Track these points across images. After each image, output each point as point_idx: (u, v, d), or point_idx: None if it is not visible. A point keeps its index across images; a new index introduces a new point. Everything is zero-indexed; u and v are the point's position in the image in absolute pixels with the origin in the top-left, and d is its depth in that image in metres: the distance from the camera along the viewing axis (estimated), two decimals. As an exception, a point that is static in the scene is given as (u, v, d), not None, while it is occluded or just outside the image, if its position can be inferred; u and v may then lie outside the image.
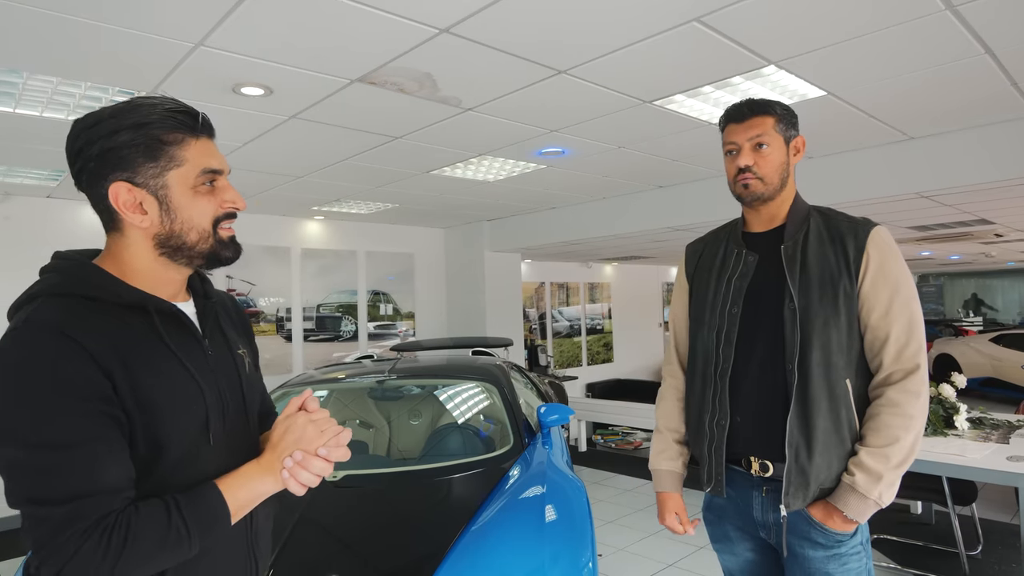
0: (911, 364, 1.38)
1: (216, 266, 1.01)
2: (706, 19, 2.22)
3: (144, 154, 0.93)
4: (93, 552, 0.80)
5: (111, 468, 0.84)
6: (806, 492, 1.39)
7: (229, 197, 0.99)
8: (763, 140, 1.46)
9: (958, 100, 3.20)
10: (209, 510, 0.90)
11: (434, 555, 1.95)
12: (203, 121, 0.98)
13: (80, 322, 0.87)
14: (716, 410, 1.49)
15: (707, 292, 1.57)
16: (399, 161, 4.12)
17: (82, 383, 0.83)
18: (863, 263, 1.41)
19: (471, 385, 3.34)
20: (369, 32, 2.24)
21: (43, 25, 2.12)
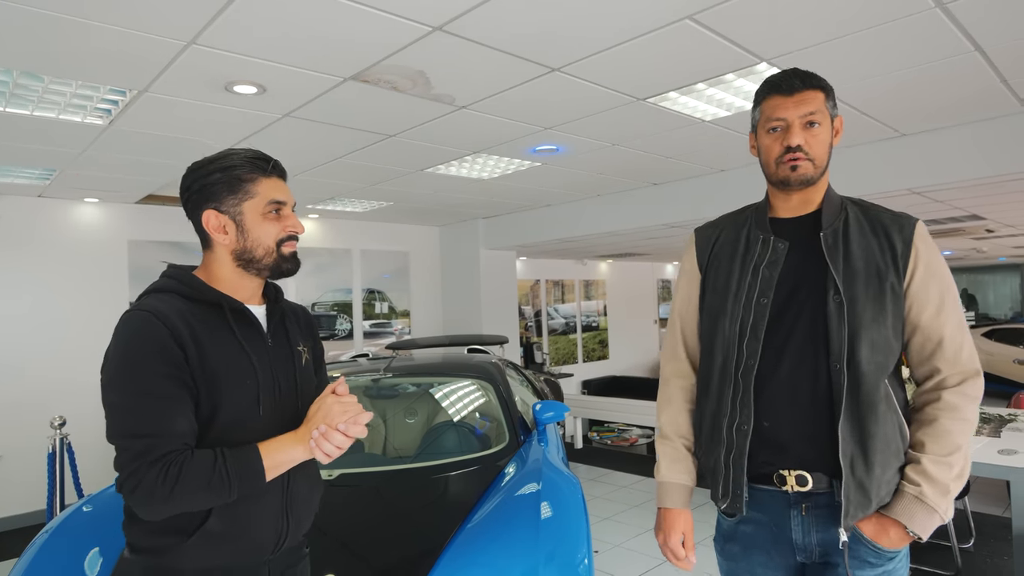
0: (970, 367, 1.27)
1: (279, 276, 1.29)
2: (698, 16, 2.23)
3: (227, 189, 1.23)
4: (155, 479, 1.06)
5: (177, 418, 1.11)
6: (866, 510, 1.24)
7: (291, 223, 1.28)
8: (816, 118, 1.30)
9: (949, 97, 3.22)
10: (248, 464, 1.12)
11: (430, 553, 1.95)
12: (274, 166, 1.29)
13: (170, 310, 1.16)
14: (737, 413, 1.32)
15: (729, 280, 1.39)
16: (393, 159, 4.11)
17: (163, 353, 1.12)
18: (911, 259, 1.28)
19: (467, 383, 3.35)
20: (362, 30, 2.24)
21: (33, 24, 2.10)
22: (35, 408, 4.60)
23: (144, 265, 5.27)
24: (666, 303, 11.19)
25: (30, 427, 4.54)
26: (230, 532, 1.16)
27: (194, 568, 1.16)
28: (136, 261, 5.26)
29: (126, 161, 3.90)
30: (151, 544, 1.17)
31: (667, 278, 11.25)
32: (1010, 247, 9.23)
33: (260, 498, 1.20)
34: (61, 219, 4.96)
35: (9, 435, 4.55)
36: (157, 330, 1.13)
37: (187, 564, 1.16)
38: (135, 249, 5.27)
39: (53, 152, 3.65)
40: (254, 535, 1.20)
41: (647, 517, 4.29)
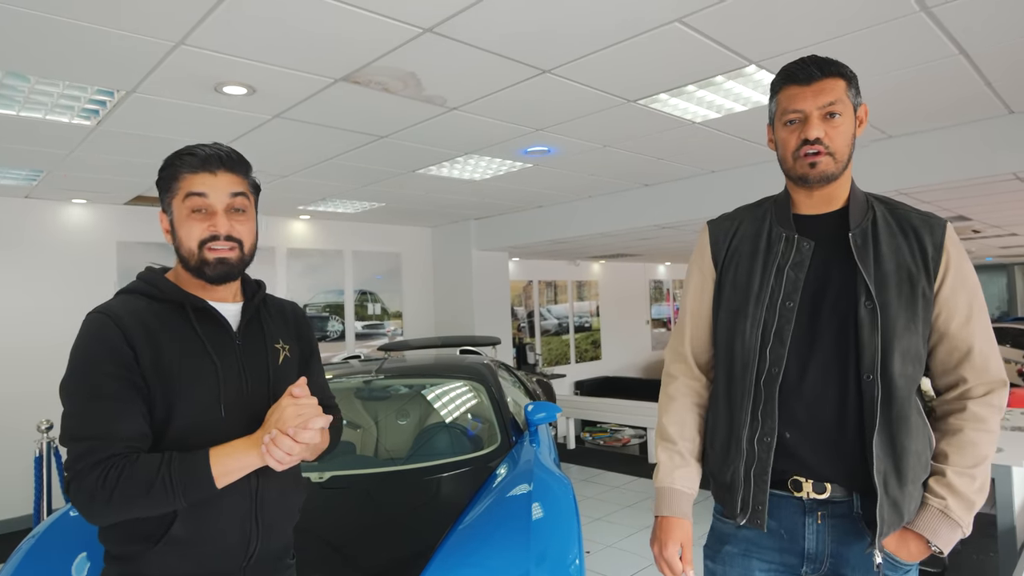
0: (997, 377, 1.22)
1: (211, 282, 1.20)
2: (687, 20, 2.24)
3: (163, 187, 1.21)
4: (95, 482, 1.03)
5: (123, 420, 1.08)
6: (897, 527, 1.19)
7: (213, 223, 1.17)
8: (836, 109, 1.21)
9: (934, 100, 3.25)
10: (194, 470, 1.07)
11: (421, 554, 1.95)
12: (205, 159, 1.18)
13: (127, 311, 1.15)
14: (759, 424, 1.23)
15: (750, 280, 1.30)
16: (385, 160, 4.11)
17: (112, 353, 1.10)
18: (942, 263, 1.21)
19: (458, 384, 3.35)
20: (352, 31, 2.24)
21: (20, 23, 2.09)
22: (21, 411, 4.56)
23: (133, 266, 5.24)
24: (658, 303, 11.23)
25: (16, 430, 4.50)
26: (196, 538, 1.12)
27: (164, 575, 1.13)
28: (125, 262, 5.23)
29: (114, 162, 3.88)
30: (121, 551, 1.14)
31: (659, 279, 11.29)
32: (997, 247, 9.33)
33: (225, 503, 1.14)
34: (49, 220, 4.92)
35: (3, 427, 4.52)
36: (108, 331, 1.11)
37: (155, 572, 1.12)
38: (124, 250, 5.24)
39: (40, 153, 3.62)
40: (220, 541, 1.16)
41: (639, 517, 4.30)
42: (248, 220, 1.23)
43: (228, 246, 1.18)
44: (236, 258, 1.20)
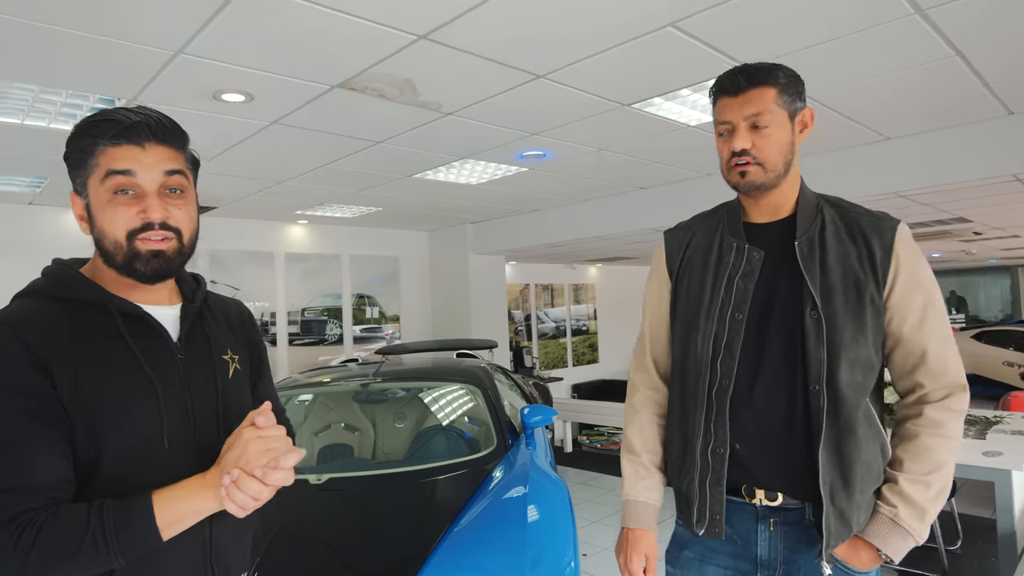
0: (956, 381, 1.19)
1: (143, 281, 0.97)
2: (680, 24, 2.27)
3: (76, 163, 0.97)
4: (5, 546, 0.81)
5: (35, 465, 0.85)
6: (846, 539, 1.18)
7: (143, 207, 0.94)
8: (762, 119, 1.19)
9: (932, 102, 3.28)
10: (133, 521, 0.85)
11: (417, 556, 1.97)
12: (130, 127, 0.93)
13: (35, 320, 0.91)
14: (712, 436, 1.24)
15: (702, 292, 1.30)
16: (382, 165, 4.13)
17: (14, 379, 0.86)
18: (892, 267, 1.19)
19: (455, 387, 3.37)
20: (348, 39, 2.27)
21: (23, 33, 2.12)
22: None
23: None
24: (658, 307, 11.22)
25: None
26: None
27: None
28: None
29: (114, 168, 3.91)
30: None
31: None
32: (999, 249, 9.35)
33: (173, 554, 0.93)
34: (51, 226, 4.95)
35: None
36: (10, 348, 0.87)
37: None
38: (123, 256, 5.27)
39: (43, 160, 3.65)
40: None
41: (637, 520, 4.31)
42: (187, 203, 1.00)
43: (163, 236, 0.95)
44: (173, 250, 0.97)
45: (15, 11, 1.97)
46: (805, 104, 1.26)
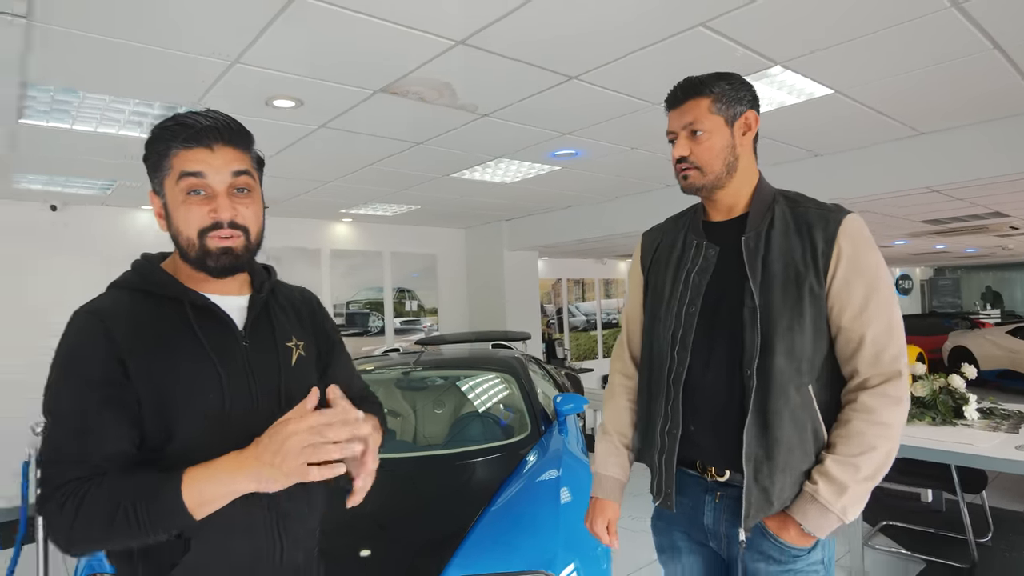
0: (891, 369, 1.18)
1: (215, 275, 1.00)
2: (711, 23, 2.24)
3: (153, 165, 1.00)
4: (53, 512, 0.85)
5: (95, 440, 0.88)
6: (767, 511, 1.20)
7: (214, 206, 0.96)
8: (697, 126, 1.26)
9: (967, 95, 3.16)
10: (162, 502, 0.85)
11: (457, 533, 2.00)
12: (201, 131, 0.96)
13: (117, 311, 0.96)
14: (668, 417, 1.30)
15: (664, 287, 1.37)
16: (421, 165, 4.18)
17: (93, 364, 0.91)
18: (833, 257, 1.20)
19: (491, 376, 3.40)
20: (391, 46, 2.31)
21: (96, 48, 2.22)
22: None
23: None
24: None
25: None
26: (214, 565, 0.95)
27: None
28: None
29: (175, 170, 4.05)
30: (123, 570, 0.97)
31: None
32: (1035, 244, 8.94)
33: (241, 523, 0.96)
34: (120, 226, 5.16)
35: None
36: (91, 333, 0.92)
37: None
38: (183, 252, 5.46)
39: (115, 165, 3.80)
40: (240, 564, 0.98)
41: (667, 507, 4.28)
42: (254, 202, 1.02)
43: (231, 234, 0.97)
44: (241, 247, 0.99)
45: (90, 27, 2.07)
46: (748, 108, 1.29)
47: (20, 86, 2.53)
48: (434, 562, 1.86)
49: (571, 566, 1.89)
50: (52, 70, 2.40)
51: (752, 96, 1.30)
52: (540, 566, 1.86)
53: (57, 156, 3.56)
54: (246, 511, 0.94)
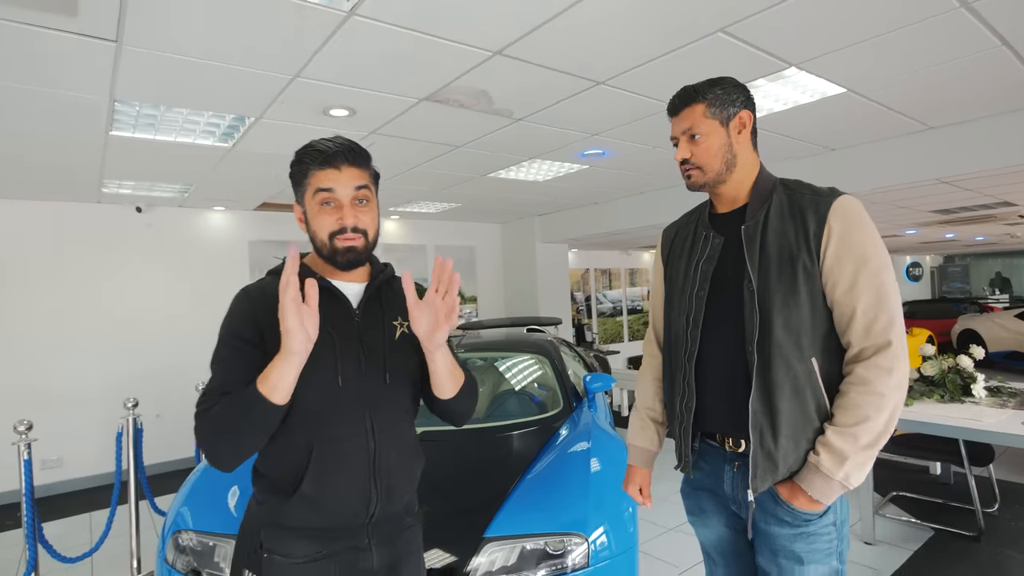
0: (882, 339, 1.15)
1: (341, 269, 1.16)
2: (730, 29, 2.19)
3: (296, 181, 1.17)
4: (197, 428, 1.07)
5: (234, 377, 1.08)
6: (774, 475, 1.20)
7: (341, 215, 1.13)
8: (694, 131, 1.27)
9: (976, 91, 3.01)
10: (245, 398, 1.04)
11: (496, 497, 2.03)
12: (329, 157, 1.12)
13: (264, 288, 1.16)
14: (685, 392, 1.33)
15: (678, 276, 1.39)
16: (461, 166, 4.20)
17: (242, 323, 1.12)
18: (824, 237, 1.19)
19: (526, 357, 3.41)
20: (434, 58, 2.32)
21: (174, 67, 2.29)
22: (182, 377, 5.00)
23: (261, 260, 5.61)
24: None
25: (179, 392, 4.93)
26: (321, 496, 1.10)
27: (298, 526, 1.12)
28: (255, 257, 5.60)
29: (245, 175, 4.15)
30: (264, 499, 1.15)
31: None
32: (1044, 231, 8.47)
33: (345, 466, 1.12)
34: (196, 225, 5.32)
35: (165, 399, 4.96)
36: (240, 306, 1.14)
37: (291, 522, 1.12)
38: (254, 248, 5.61)
39: (191, 171, 3.93)
40: (342, 500, 1.12)
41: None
42: (371, 210, 1.17)
43: (355, 236, 1.13)
44: (362, 246, 1.15)
45: (172, 49, 2.14)
46: (742, 108, 1.28)
47: (110, 102, 2.63)
48: (479, 521, 1.90)
49: (601, 528, 1.90)
50: (138, 88, 2.48)
51: (745, 97, 1.30)
52: (573, 527, 1.87)
53: (141, 163, 3.69)
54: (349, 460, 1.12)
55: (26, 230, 4.54)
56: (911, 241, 9.64)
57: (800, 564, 1.21)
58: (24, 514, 2.45)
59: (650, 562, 2.97)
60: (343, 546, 1.14)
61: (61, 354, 4.64)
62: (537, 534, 1.85)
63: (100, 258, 4.83)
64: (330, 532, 1.13)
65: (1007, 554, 2.88)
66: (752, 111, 1.30)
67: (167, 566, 1.94)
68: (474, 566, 1.79)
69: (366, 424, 1.14)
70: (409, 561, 1.24)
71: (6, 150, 3.25)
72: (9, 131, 2.93)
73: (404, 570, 1.22)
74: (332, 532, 1.14)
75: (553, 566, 1.80)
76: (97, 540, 2.94)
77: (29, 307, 4.54)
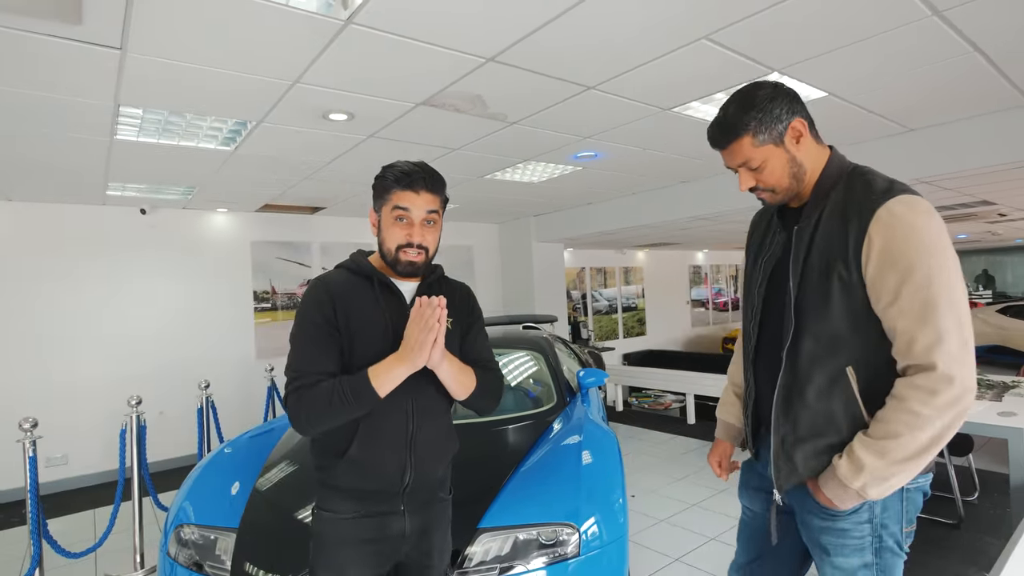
0: (924, 360, 1.04)
1: (402, 277, 1.35)
2: (713, 36, 2.21)
3: (377, 193, 1.34)
4: (294, 401, 1.23)
5: (319, 357, 1.26)
6: (797, 476, 1.19)
7: (409, 232, 1.30)
8: (750, 164, 1.18)
9: (953, 94, 3.04)
10: (360, 384, 1.22)
11: (491, 490, 2.02)
12: (413, 180, 1.29)
13: (335, 279, 1.34)
14: (747, 382, 1.34)
15: (749, 271, 1.37)
16: (458, 168, 4.21)
17: (320, 308, 1.28)
18: (864, 248, 1.09)
19: (522, 353, 3.42)
20: (430, 64, 2.33)
21: (178, 74, 2.30)
22: (185, 375, 5.01)
23: (263, 260, 5.61)
24: (697, 286, 10.95)
25: (183, 389, 4.94)
26: (366, 460, 1.28)
27: (347, 487, 1.30)
28: (257, 257, 5.59)
29: (248, 178, 4.16)
30: (319, 463, 1.33)
31: (698, 264, 10.97)
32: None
33: (386, 438, 1.28)
34: (199, 226, 5.32)
35: (168, 396, 4.97)
36: (319, 292, 1.30)
37: (342, 483, 1.29)
38: (256, 248, 5.61)
39: (194, 173, 3.93)
40: (383, 466, 1.29)
41: (678, 469, 4.28)
42: (436, 230, 1.36)
43: (417, 252, 1.31)
44: (422, 261, 1.33)
45: (175, 56, 2.15)
46: (791, 118, 1.17)
47: (115, 108, 2.64)
48: (474, 512, 1.90)
49: (592, 518, 1.91)
50: (142, 93, 2.49)
51: (788, 106, 1.17)
52: (565, 518, 1.88)
53: (145, 167, 3.69)
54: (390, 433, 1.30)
55: (32, 232, 4.54)
56: (896, 239, 9.64)
57: (827, 555, 1.20)
58: (29, 510, 2.46)
59: (641, 551, 2.99)
60: (381, 509, 1.31)
61: (66, 353, 4.65)
62: (530, 524, 1.86)
63: (105, 259, 4.84)
64: (371, 495, 1.30)
65: (987, 541, 2.92)
66: (802, 114, 1.19)
67: (169, 559, 1.94)
68: (469, 555, 1.80)
69: (407, 407, 1.31)
70: (439, 529, 1.41)
71: (12, 153, 3.25)
72: (16, 135, 2.94)
73: (434, 536, 1.40)
74: (373, 495, 1.30)
75: (546, 555, 1.81)
76: (101, 536, 2.94)
77: (35, 307, 4.55)
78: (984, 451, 4.24)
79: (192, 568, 1.89)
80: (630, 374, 6.73)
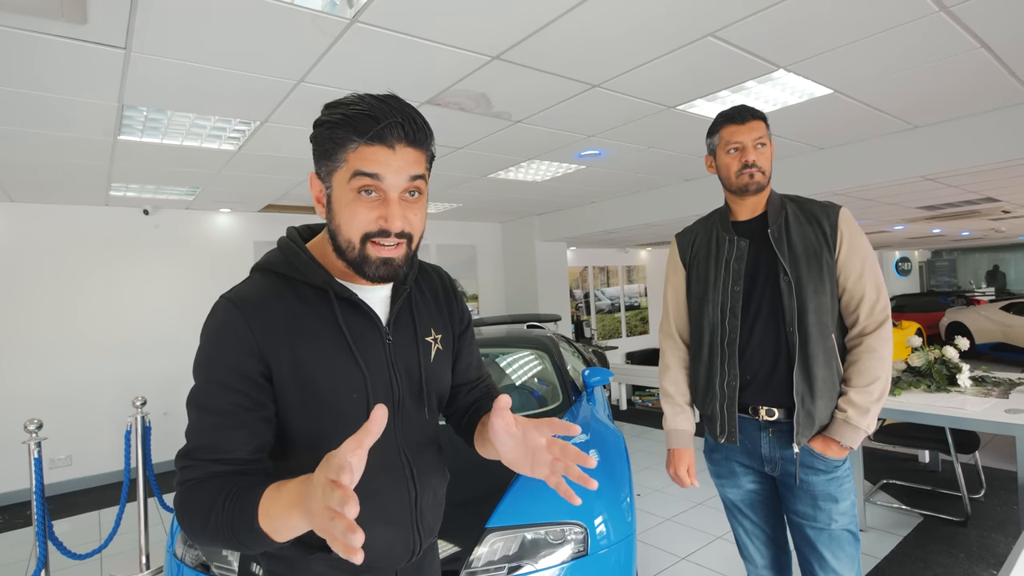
0: (882, 316, 1.45)
1: (369, 282, 0.84)
2: (719, 33, 2.20)
3: (321, 151, 0.81)
4: (177, 501, 0.76)
5: (214, 435, 0.77)
6: (811, 430, 1.45)
7: (384, 213, 0.78)
8: (763, 140, 1.51)
9: (958, 91, 3.02)
10: (245, 519, 0.70)
11: (497, 490, 2.01)
12: (383, 128, 0.77)
13: (261, 298, 0.82)
14: (726, 373, 1.52)
15: (707, 275, 1.58)
16: (462, 167, 4.20)
17: (228, 359, 0.78)
18: (838, 239, 1.46)
19: (527, 353, 3.41)
20: (435, 63, 2.32)
21: (182, 73, 2.29)
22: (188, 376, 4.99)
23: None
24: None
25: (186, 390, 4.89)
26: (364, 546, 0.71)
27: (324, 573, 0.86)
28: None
29: (251, 178, 4.15)
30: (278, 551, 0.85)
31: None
32: (1028, 226, 8.48)
33: (384, 521, 0.87)
34: (202, 226, 5.32)
35: (173, 397, 4.97)
36: (234, 326, 0.79)
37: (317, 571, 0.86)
38: (259, 249, 5.61)
39: (197, 174, 3.93)
40: (385, 555, 0.89)
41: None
42: (422, 206, 0.84)
43: (397, 244, 0.80)
44: (403, 257, 0.82)
45: (178, 56, 2.14)
46: None
47: (119, 107, 2.63)
48: (481, 512, 1.90)
49: (600, 517, 1.91)
50: (146, 93, 2.48)
51: None
52: (573, 517, 1.88)
53: (149, 167, 3.69)
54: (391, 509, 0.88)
55: (36, 232, 4.55)
56: (899, 236, 9.65)
57: (835, 502, 1.46)
58: (34, 512, 2.46)
59: (649, 550, 2.99)
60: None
61: (70, 354, 4.65)
62: (538, 524, 1.85)
63: (108, 259, 4.84)
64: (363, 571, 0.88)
65: (993, 538, 2.90)
66: None
67: (176, 560, 1.93)
68: (477, 556, 1.79)
69: (405, 471, 0.90)
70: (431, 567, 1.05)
71: (16, 154, 3.25)
72: (19, 135, 2.93)
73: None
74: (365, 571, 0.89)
75: (554, 554, 1.81)
76: (106, 537, 2.95)
77: (39, 308, 4.55)
78: (989, 448, 4.22)
79: (199, 569, 1.89)
80: (633, 373, 6.72)
